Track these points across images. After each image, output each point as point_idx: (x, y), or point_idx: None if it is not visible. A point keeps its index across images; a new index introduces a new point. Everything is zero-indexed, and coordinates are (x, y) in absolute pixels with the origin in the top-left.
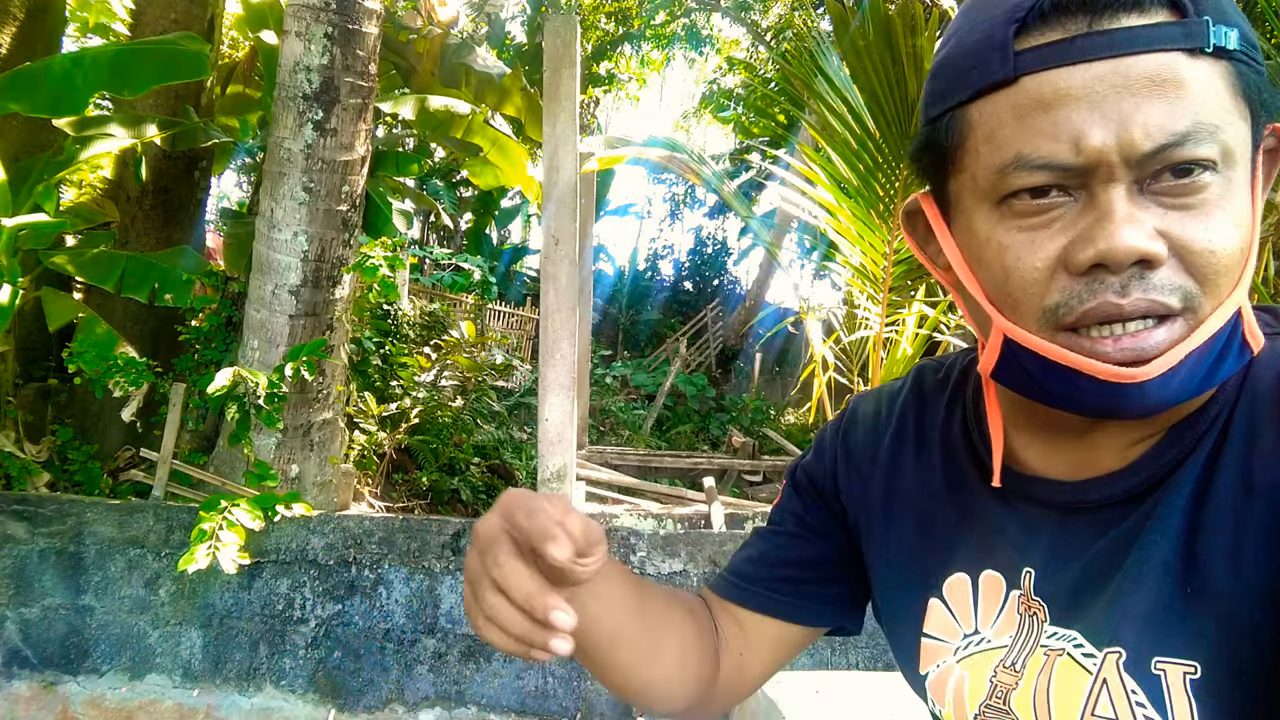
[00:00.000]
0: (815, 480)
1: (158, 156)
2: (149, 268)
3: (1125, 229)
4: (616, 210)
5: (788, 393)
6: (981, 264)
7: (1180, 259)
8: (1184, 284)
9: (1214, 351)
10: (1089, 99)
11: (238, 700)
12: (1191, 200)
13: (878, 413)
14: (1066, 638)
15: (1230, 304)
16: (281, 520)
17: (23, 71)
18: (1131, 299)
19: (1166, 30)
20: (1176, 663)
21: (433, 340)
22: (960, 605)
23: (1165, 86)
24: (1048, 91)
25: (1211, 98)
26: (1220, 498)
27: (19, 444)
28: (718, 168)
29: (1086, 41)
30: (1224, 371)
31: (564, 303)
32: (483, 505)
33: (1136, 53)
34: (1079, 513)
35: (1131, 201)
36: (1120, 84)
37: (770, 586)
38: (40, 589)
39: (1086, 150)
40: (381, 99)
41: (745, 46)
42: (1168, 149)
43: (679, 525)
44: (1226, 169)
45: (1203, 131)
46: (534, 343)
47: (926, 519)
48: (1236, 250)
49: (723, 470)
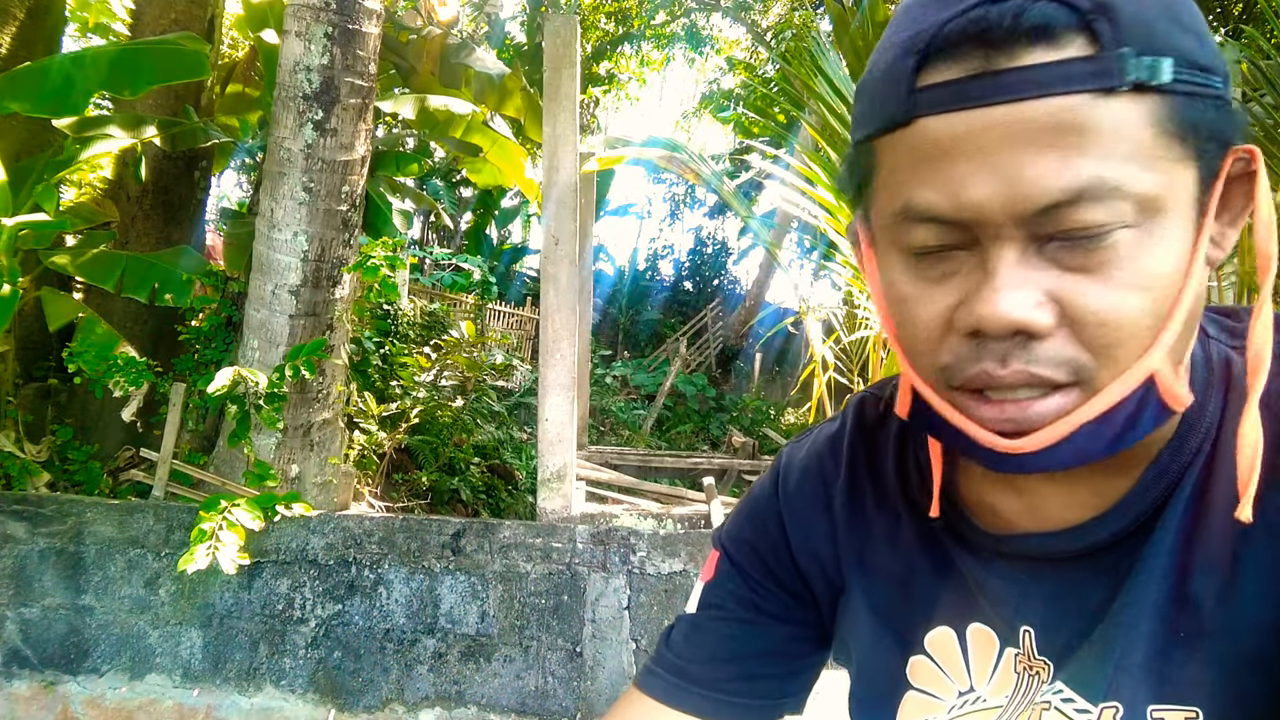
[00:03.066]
0: (763, 557)
1: (158, 156)
2: (149, 268)
3: (1004, 297)
4: (616, 210)
5: (788, 393)
6: (893, 306)
7: (1071, 329)
8: (1073, 356)
9: (1117, 419)
10: (979, 148)
11: (238, 700)
12: (1091, 262)
13: (821, 461)
14: (1058, 692)
15: (1136, 371)
16: (281, 520)
17: (23, 71)
18: (1011, 369)
19: (1072, 69)
20: (1177, 709)
21: (433, 340)
22: (949, 661)
23: (1065, 134)
24: (942, 138)
25: (1125, 143)
26: (1212, 535)
27: (19, 444)
28: (718, 168)
29: (982, 84)
30: (1138, 433)
31: (564, 303)
32: (483, 505)
33: (1034, 96)
34: (1067, 562)
35: (1022, 263)
36: (1013, 133)
37: (721, 687)
38: (40, 589)
39: (967, 206)
40: (381, 99)
41: (745, 46)
42: (1060, 208)
43: (679, 525)
44: (1145, 220)
45: (1104, 187)
46: (534, 343)
47: (900, 571)
48: (1143, 314)
49: (723, 470)
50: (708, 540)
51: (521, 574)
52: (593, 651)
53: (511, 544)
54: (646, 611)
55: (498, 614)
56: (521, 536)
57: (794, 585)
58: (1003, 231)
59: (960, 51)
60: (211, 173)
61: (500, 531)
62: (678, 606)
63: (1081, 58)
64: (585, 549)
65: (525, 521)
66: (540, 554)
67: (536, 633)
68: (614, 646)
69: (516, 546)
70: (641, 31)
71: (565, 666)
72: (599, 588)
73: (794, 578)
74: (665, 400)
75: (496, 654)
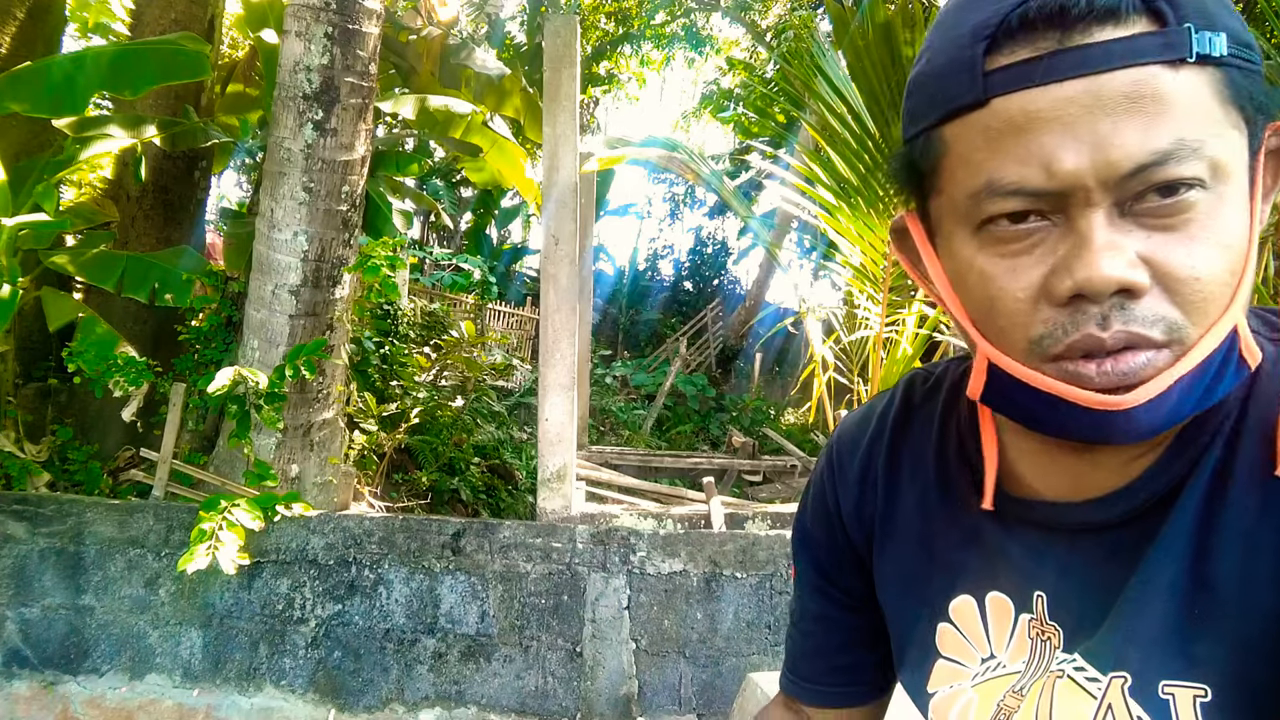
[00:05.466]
0: (828, 532)
1: (158, 156)
2: (149, 268)
3: (1103, 258)
4: (616, 210)
5: (788, 393)
6: (965, 289)
7: (1164, 287)
8: (1167, 314)
9: (1207, 373)
10: (1061, 120)
11: (238, 700)
12: (1176, 221)
13: (867, 431)
14: (1070, 661)
15: (1222, 326)
16: (281, 520)
17: (23, 71)
18: (1112, 331)
19: (1144, 42)
20: (1186, 686)
21: (433, 340)
22: (971, 628)
23: (1143, 103)
24: (1018, 114)
25: (1197, 110)
26: (1230, 517)
27: (19, 444)
28: (717, 168)
29: (1057, 60)
30: (1221, 390)
31: (564, 303)
32: (483, 505)
33: (1111, 69)
34: (1083, 534)
35: (1112, 226)
36: (1094, 103)
37: (820, 679)
38: (40, 589)
39: (1059, 175)
40: (381, 99)
41: (745, 46)
42: (1148, 169)
43: (679, 525)
44: (1217, 184)
45: (1185, 149)
46: (534, 343)
47: (927, 540)
48: (1225, 273)
49: (723, 470)
50: (708, 540)
51: (521, 574)
52: (593, 651)
53: (511, 544)
54: (646, 611)
55: (498, 614)
56: (521, 536)
57: (851, 558)
58: (1093, 197)
59: (1033, 34)
60: (211, 173)
61: (500, 531)
62: (678, 606)
63: (1149, 33)
64: (585, 549)
65: (525, 521)
66: (540, 554)
67: (536, 633)
68: (614, 646)
69: (516, 546)
70: (641, 31)
71: (565, 666)
72: (599, 588)
73: (849, 549)
74: (665, 400)
75: (496, 654)
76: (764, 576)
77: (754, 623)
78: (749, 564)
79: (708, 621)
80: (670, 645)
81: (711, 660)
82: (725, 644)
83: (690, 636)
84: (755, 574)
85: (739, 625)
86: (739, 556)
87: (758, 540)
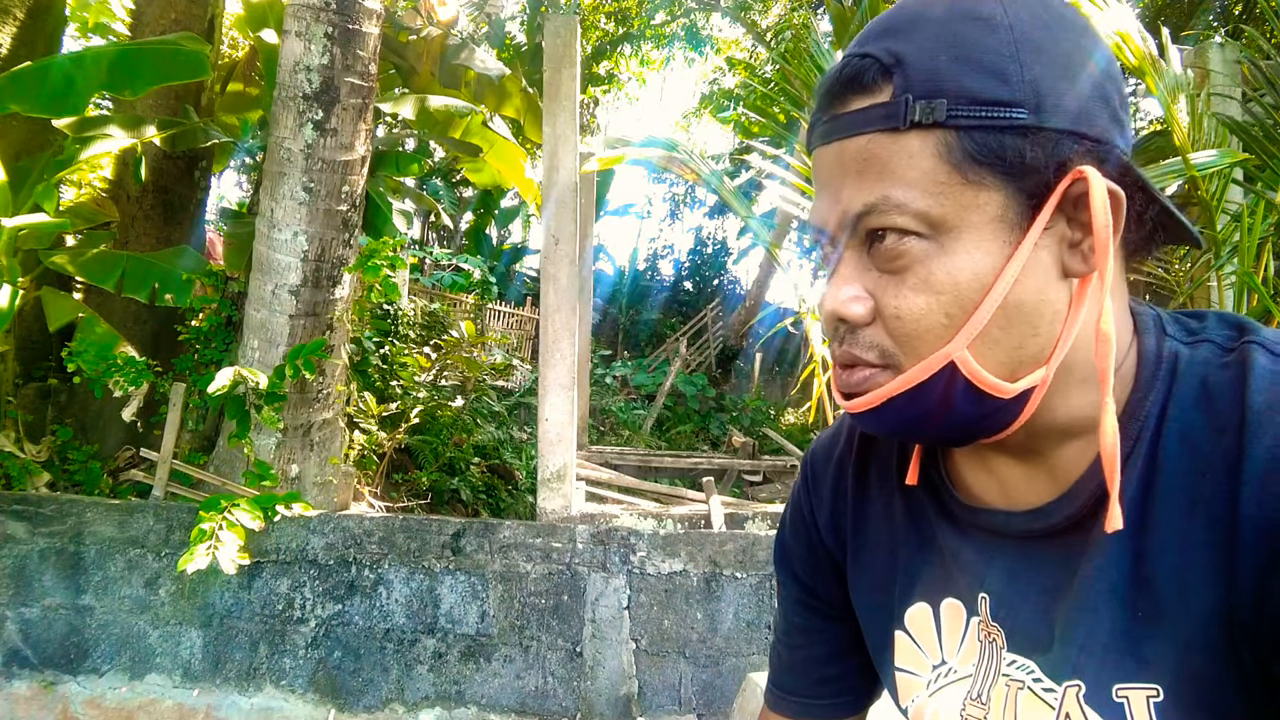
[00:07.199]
0: (804, 545)
1: (158, 156)
2: (149, 268)
3: (831, 292)
4: (616, 210)
5: (788, 393)
6: None
7: (881, 319)
8: (882, 342)
9: (930, 397)
10: (823, 176)
11: (238, 700)
12: (895, 265)
13: (838, 444)
14: (1025, 669)
15: (932, 359)
16: (281, 520)
17: (23, 71)
18: (841, 350)
19: (872, 113)
20: (1139, 688)
21: (433, 340)
22: (924, 636)
23: (868, 164)
24: (815, 165)
25: (912, 171)
26: (1162, 518)
27: (19, 444)
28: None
29: (825, 126)
30: (959, 413)
31: (564, 303)
32: (483, 505)
33: (851, 135)
34: (1029, 540)
35: (856, 264)
36: (837, 163)
37: (805, 692)
38: (40, 589)
39: (818, 218)
40: (381, 99)
41: (745, 46)
42: (861, 219)
43: (678, 525)
44: (939, 235)
45: (888, 203)
46: (534, 343)
47: (893, 548)
48: (935, 313)
49: (723, 470)
50: (708, 540)
51: (521, 574)
52: (592, 651)
53: (511, 544)
54: (646, 611)
55: (498, 614)
56: (521, 536)
57: (830, 569)
58: (839, 239)
59: (823, 102)
60: (211, 173)
61: (500, 531)
62: (678, 606)
63: (879, 104)
64: (585, 549)
65: (525, 521)
66: (540, 554)
67: (536, 633)
68: (614, 646)
69: (516, 546)
70: (641, 31)
71: (565, 666)
72: (599, 588)
73: (827, 560)
74: (665, 400)
75: (496, 654)
76: (764, 576)
77: (754, 622)
78: (749, 564)
79: (708, 621)
80: (670, 645)
81: (711, 660)
82: (725, 644)
83: (690, 636)
84: (755, 574)
85: (739, 625)
86: (739, 556)
87: (758, 540)
